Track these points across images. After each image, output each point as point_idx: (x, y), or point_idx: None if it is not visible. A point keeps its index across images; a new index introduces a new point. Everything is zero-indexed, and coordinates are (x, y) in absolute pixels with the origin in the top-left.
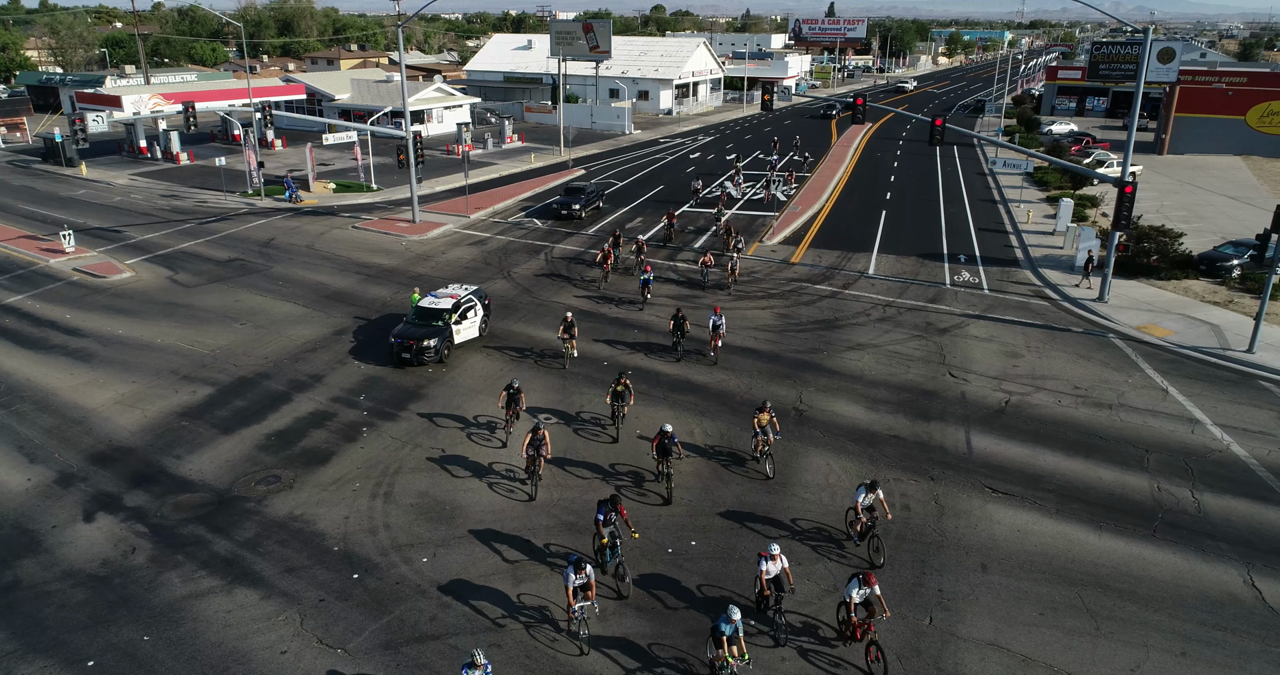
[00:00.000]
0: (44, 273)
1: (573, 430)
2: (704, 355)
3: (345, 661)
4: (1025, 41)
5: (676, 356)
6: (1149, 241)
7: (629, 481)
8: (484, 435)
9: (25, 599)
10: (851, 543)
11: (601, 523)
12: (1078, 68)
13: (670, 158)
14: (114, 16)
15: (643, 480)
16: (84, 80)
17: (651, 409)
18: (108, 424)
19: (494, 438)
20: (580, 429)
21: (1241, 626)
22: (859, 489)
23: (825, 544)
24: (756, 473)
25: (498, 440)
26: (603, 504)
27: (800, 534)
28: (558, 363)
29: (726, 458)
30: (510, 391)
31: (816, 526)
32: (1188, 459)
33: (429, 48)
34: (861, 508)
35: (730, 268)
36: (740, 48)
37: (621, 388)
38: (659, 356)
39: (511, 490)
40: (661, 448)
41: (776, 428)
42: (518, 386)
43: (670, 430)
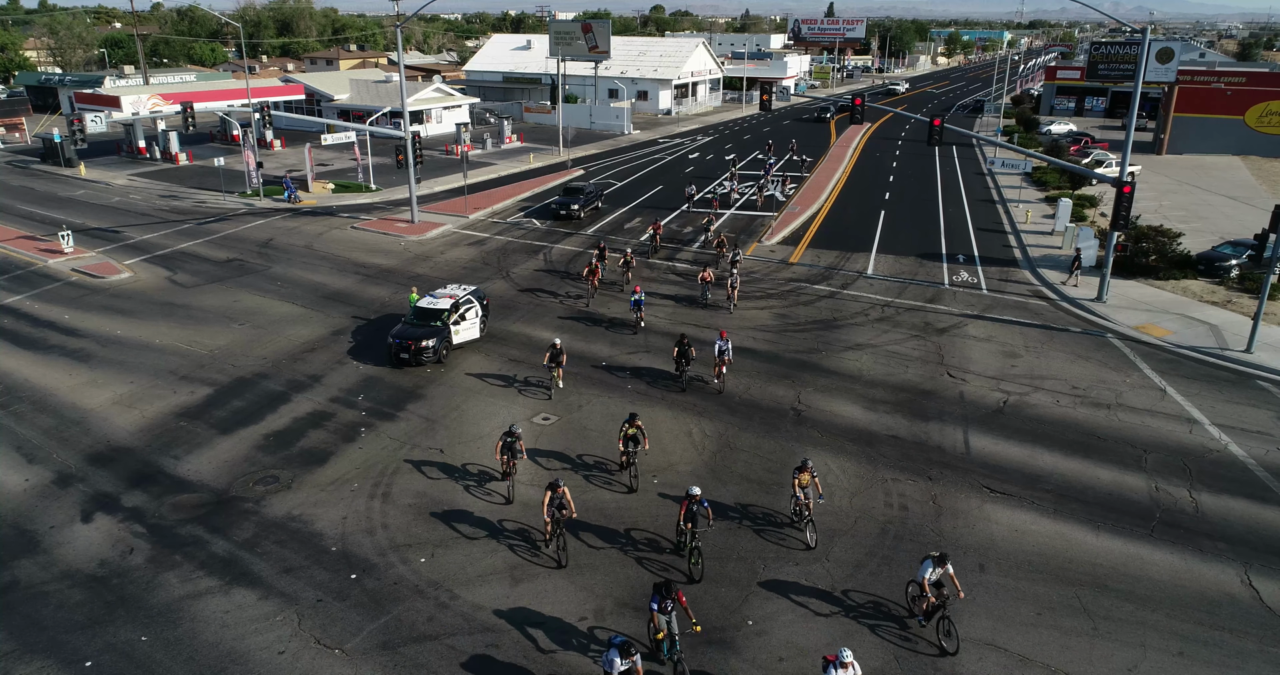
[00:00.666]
0: (42, 273)
1: (582, 478)
2: (707, 382)
3: (343, 662)
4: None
5: (681, 386)
6: (1147, 241)
7: (648, 549)
8: (483, 435)
9: (23, 599)
10: (916, 622)
11: (657, 611)
12: (1076, 68)
13: (669, 158)
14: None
15: (663, 548)
16: (83, 80)
17: (650, 409)
18: (106, 424)
19: (494, 492)
20: (590, 477)
21: (1239, 626)
22: (925, 563)
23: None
24: (796, 540)
25: (499, 496)
26: (658, 590)
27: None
28: (543, 392)
29: (724, 458)
30: (508, 439)
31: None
32: (1186, 459)
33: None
34: (928, 584)
35: (730, 286)
36: (739, 48)
37: (634, 431)
38: (662, 386)
39: (510, 491)
40: (689, 515)
41: (820, 490)
42: (517, 432)
43: (698, 493)
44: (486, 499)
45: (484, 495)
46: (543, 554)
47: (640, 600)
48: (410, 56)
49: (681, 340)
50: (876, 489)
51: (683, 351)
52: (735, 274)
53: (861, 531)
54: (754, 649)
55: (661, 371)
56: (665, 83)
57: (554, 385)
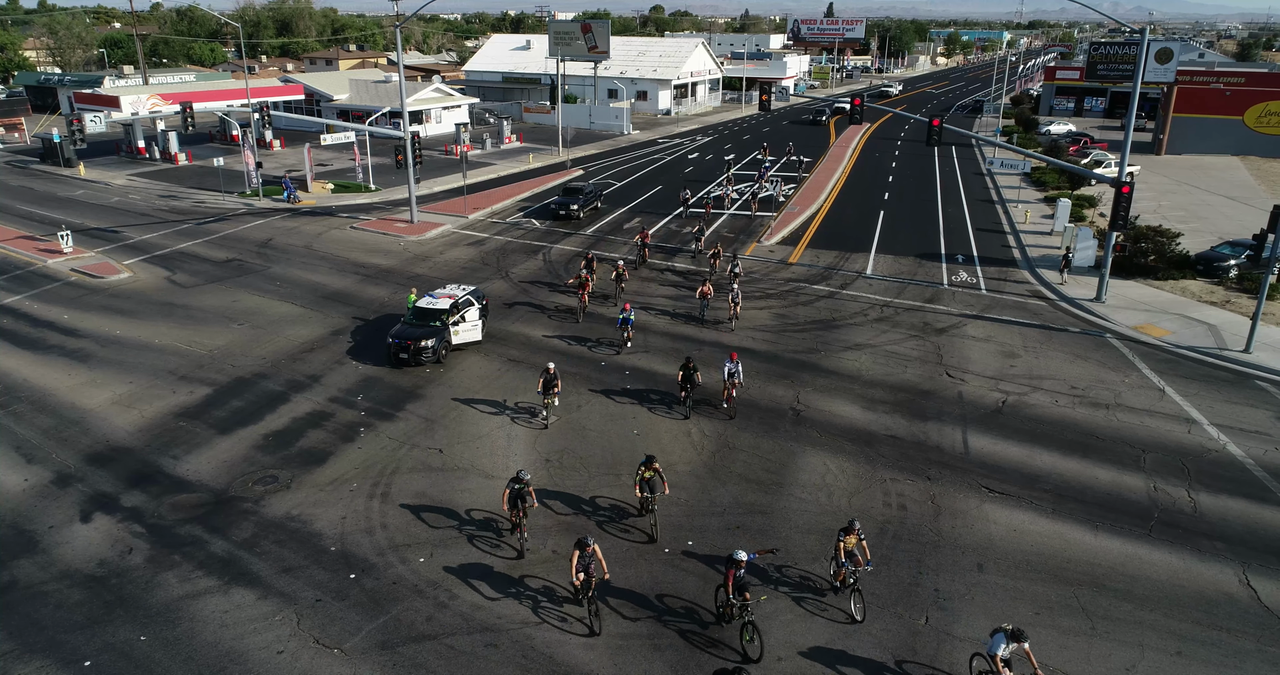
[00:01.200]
0: (42, 273)
1: (595, 524)
2: (716, 407)
3: (342, 661)
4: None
5: (684, 413)
6: (1146, 241)
7: (683, 617)
8: (482, 435)
9: (22, 599)
10: None
11: None
12: (1076, 68)
13: (669, 158)
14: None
15: (704, 620)
16: (82, 80)
17: (649, 408)
18: (105, 424)
19: (502, 543)
20: (603, 523)
21: (1237, 626)
22: (996, 636)
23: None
24: (839, 610)
25: (510, 548)
26: None
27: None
28: (537, 421)
29: (723, 458)
30: (515, 486)
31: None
32: (1184, 459)
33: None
34: (1000, 661)
35: (731, 300)
36: (739, 48)
37: (651, 473)
38: (664, 413)
39: None
40: (739, 584)
41: (868, 555)
42: (526, 479)
43: (745, 557)
44: (485, 498)
45: (482, 494)
46: (572, 619)
47: (639, 600)
48: (410, 57)
49: (687, 364)
50: (875, 489)
51: (688, 376)
52: (736, 289)
53: None
54: (752, 648)
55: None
56: (664, 83)
57: (549, 412)
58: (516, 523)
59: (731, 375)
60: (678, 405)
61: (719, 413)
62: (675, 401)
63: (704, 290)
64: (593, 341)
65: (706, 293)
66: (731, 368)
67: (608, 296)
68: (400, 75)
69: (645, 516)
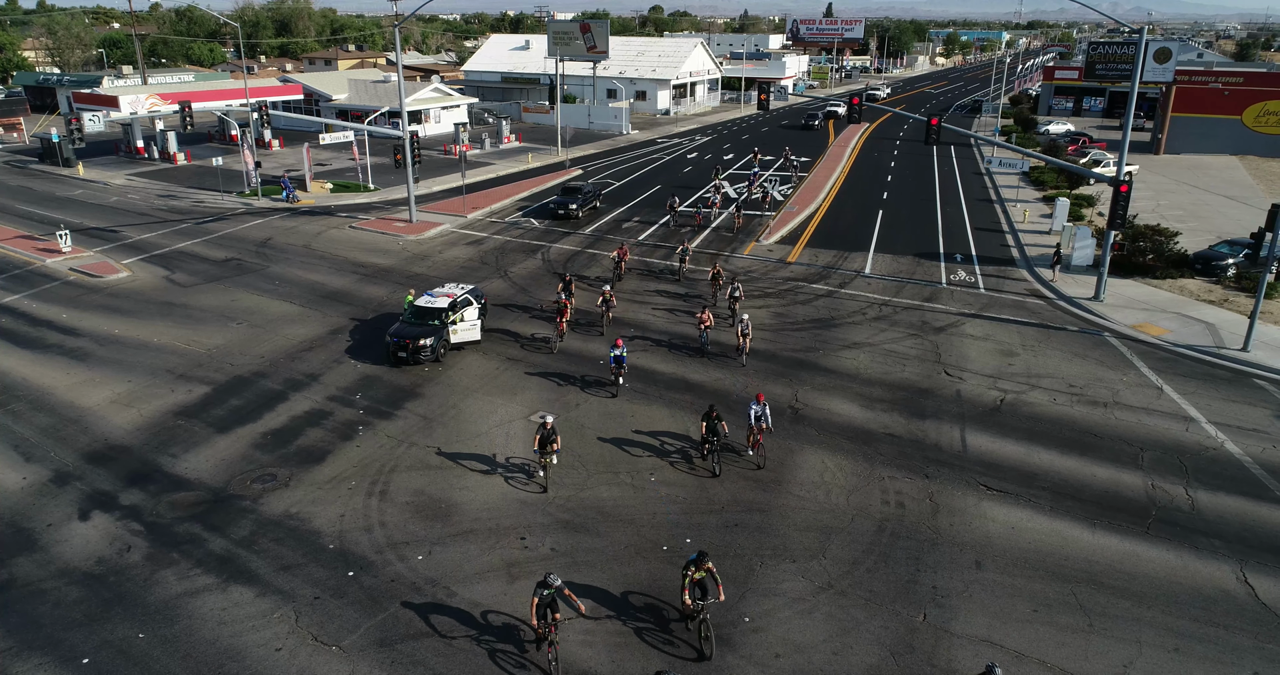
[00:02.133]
0: (40, 272)
1: (628, 630)
2: (739, 454)
3: (340, 658)
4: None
5: (711, 470)
6: (1145, 240)
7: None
8: (481, 433)
9: (20, 597)
10: None
11: None
12: (1075, 68)
13: (668, 158)
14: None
15: None
16: (81, 80)
17: (647, 407)
18: (104, 423)
19: (501, 542)
20: (642, 629)
21: (1234, 623)
22: None
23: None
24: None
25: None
26: None
27: None
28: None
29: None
30: (543, 592)
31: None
32: (1182, 457)
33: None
34: None
35: (740, 333)
36: (738, 48)
37: (703, 574)
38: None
39: (507, 488)
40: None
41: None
42: (556, 584)
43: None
44: (483, 496)
45: (480, 492)
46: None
47: (637, 597)
48: (409, 57)
49: (710, 413)
50: (873, 487)
51: (712, 427)
52: (746, 320)
53: (858, 529)
54: (751, 646)
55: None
56: (664, 83)
57: (546, 471)
58: (544, 635)
59: (759, 419)
60: (700, 460)
61: (744, 461)
62: (672, 402)
63: (704, 319)
64: (576, 380)
65: (706, 321)
66: (758, 410)
67: (592, 325)
68: (399, 75)
69: (694, 623)
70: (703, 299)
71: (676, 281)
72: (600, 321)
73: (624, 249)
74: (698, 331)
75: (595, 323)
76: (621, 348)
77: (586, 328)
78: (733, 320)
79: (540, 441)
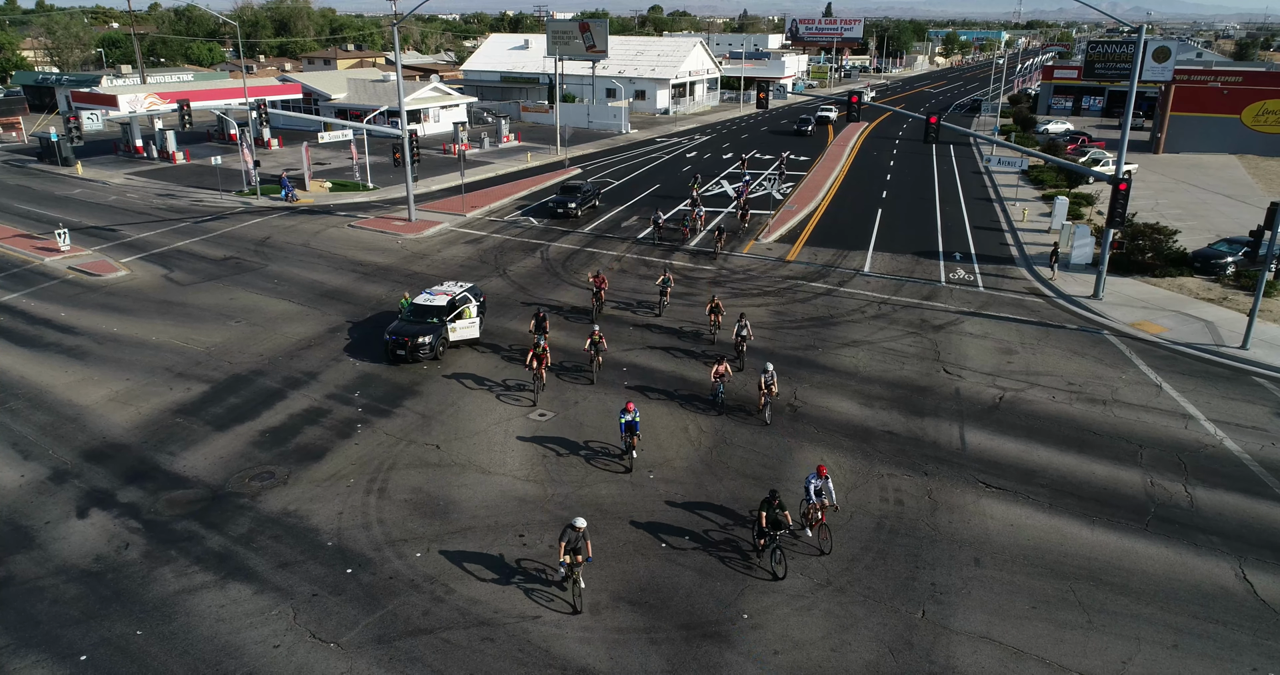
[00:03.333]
0: (39, 271)
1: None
2: (795, 534)
3: (338, 655)
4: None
5: (773, 572)
6: (1144, 239)
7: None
8: (479, 431)
9: (18, 594)
10: None
11: None
12: (1074, 67)
13: (666, 157)
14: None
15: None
16: (80, 80)
17: (646, 406)
18: (102, 421)
19: (498, 541)
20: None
21: (1233, 619)
22: None
23: None
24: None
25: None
26: None
27: None
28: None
29: (720, 454)
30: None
31: None
32: (1181, 454)
33: (426, 48)
34: None
35: (763, 385)
36: (737, 48)
37: (777, 511)
38: (741, 568)
39: (505, 486)
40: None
41: None
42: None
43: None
44: (481, 493)
45: (479, 489)
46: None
47: (636, 595)
48: (408, 56)
49: (771, 501)
50: (872, 484)
51: (774, 518)
52: (771, 371)
53: (857, 526)
54: (749, 642)
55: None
56: (663, 82)
57: (574, 590)
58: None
59: (819, 493)
60: (756, 556)
61: (805, 544)
62: (671, 400)
63: (719, 371)
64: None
65: (723, 374)
66: (819, 484)
67: (580, 370)
68: (398, 73)
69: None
70: (700, 330)
71: (656, 315)
72: (590, 366)
73: (601, 278)
74: (713, 386)
75: (583, 367)
76: (633, 412)
77: (574, 374)
78: (739, 361)
79: (568, 548)
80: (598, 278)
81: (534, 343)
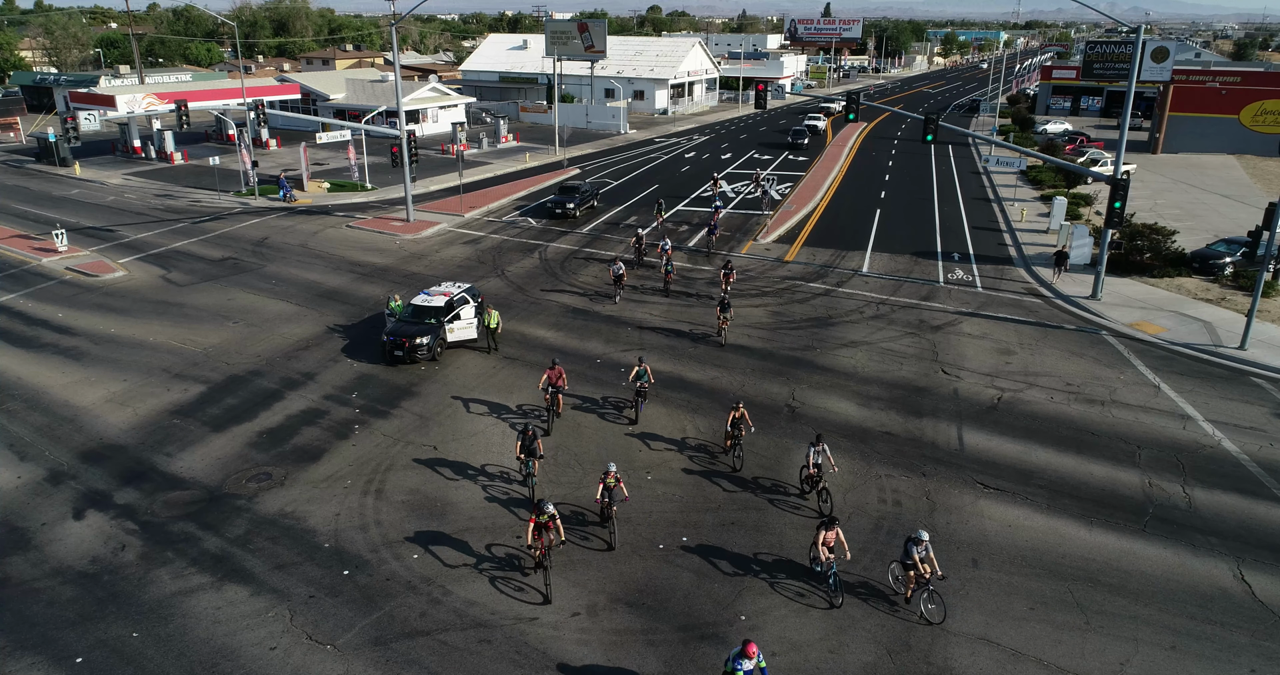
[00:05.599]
0: (36, 272)
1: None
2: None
3: (334, 657)
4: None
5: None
6: (1142, 239)
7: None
8: (477, 432)
9: (14, 596)
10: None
11: None
12: (1072, 67)
13: (665, 157)
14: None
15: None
16: (78, 80)
17: (645, 405)
18: (98, 422)
19: (497, 540)
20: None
21: (1231, 620)
22: None
23: None
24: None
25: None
26: None
27: None
28: None
29: (709, 455)
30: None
31: None
32: (1179, 455)
33: (425, 48)
34: None
35: (829, 545)
36: (736, 48)
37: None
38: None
39: (503, 488)
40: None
41: None
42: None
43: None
44: (479, 495)
45: (476, 491)
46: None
47: (633, 596)
48: (406, 56)
49: None
50: (870, 485)
51: None
52: (830, 460)
53: (855, 527)
54: None
55: None
56: (661, 82)
57: None
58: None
59: (924, 561)
60: None
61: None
62: (669, 400)
63: (828, 540)
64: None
65: (831, 543)
66: (920, 553)
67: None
68: (396, 74)
69: None
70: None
71: (633, 402)
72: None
73: (557, 370)
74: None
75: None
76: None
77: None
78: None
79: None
80: (553, 370)
81: (534, 511)
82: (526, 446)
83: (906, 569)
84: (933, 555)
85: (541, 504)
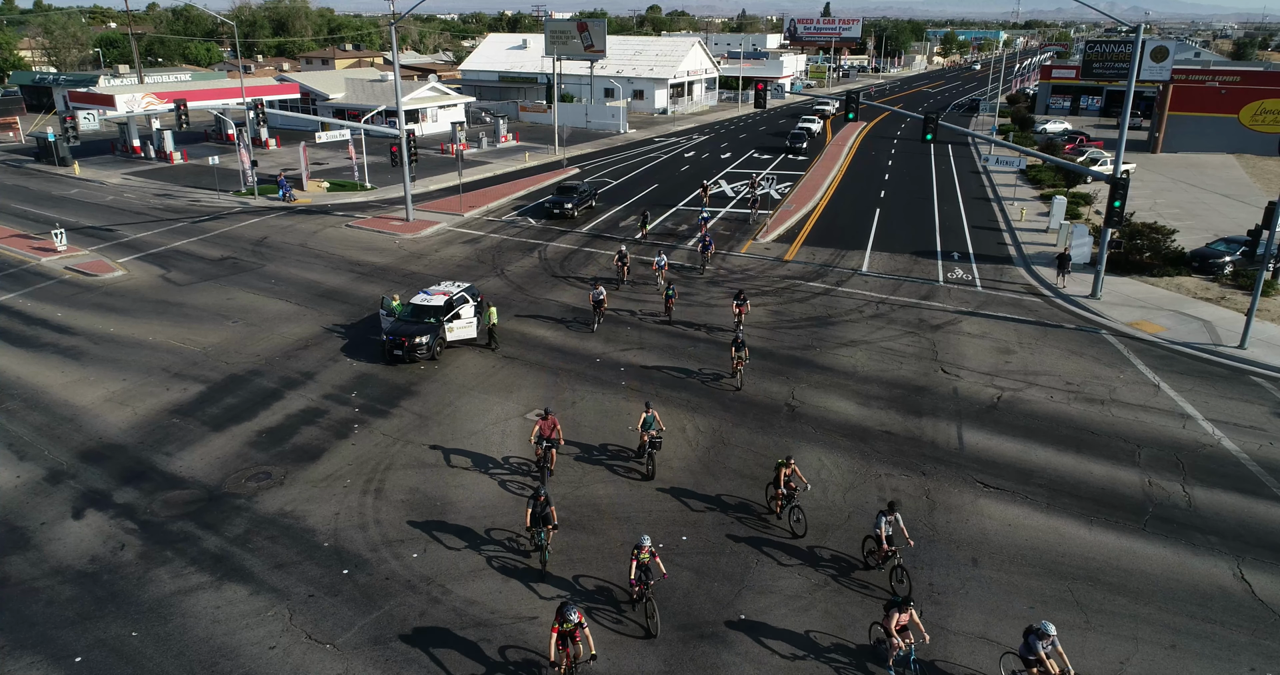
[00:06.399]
0: (35, 271)
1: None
2: None
3: (334, 656)
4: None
5: None
6: (1142, 238)
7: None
8: (476, 431)
9: (13, 595)
10: None
11: None
12: (1072, 67)
13: (665, 157)
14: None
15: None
16: (78, 80)
17: None
18: (98, 421)
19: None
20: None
21: (1231, 619)
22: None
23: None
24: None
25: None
26: None
27: None
28: None
29: (717, 454)
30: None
31: None
32: (1179, 454)
33: (424, 48)
34: None
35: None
36: (735, 47)
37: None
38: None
39: (502, 486)
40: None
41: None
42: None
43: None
44: (478, 494)
45: (476, 490)
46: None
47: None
48: (406, 56)
49: None
50: (870, 484)
51: None
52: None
53: (855, 526)
54: (747, 642)
55: None
56: (661, 82)
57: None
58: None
59: (1050, 655)
60: None
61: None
62: (669, 400)
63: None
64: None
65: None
66: (1048, 648)
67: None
68: (396, 73)
69: None
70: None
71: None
72: None
73: (550, 421)
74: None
75: None
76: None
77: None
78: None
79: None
80: (544, 422)
81: (557, 618)
82: (538, 514)
83: (1029, 665)
84: (1060, 649)
85: (566, 609)
